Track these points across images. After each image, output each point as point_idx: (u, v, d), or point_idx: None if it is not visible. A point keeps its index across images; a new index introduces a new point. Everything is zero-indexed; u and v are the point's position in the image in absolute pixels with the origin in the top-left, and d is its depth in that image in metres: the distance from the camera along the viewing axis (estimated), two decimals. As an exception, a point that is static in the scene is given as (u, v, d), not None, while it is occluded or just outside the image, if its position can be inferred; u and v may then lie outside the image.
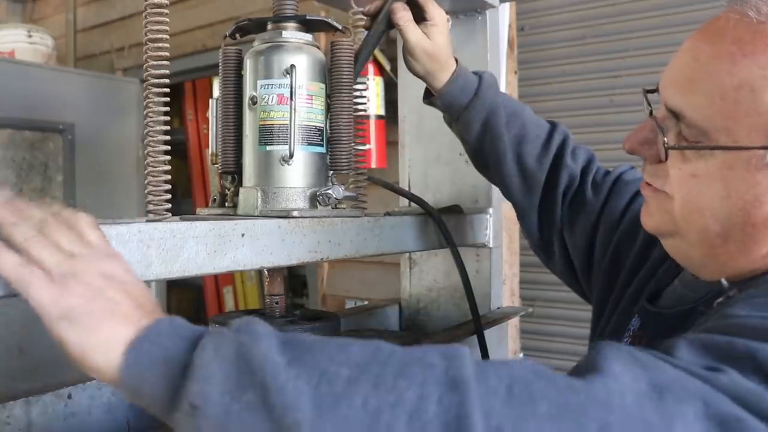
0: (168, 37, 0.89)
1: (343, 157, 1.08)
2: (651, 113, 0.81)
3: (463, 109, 1.15)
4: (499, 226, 1.53)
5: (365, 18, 1.16)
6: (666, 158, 0.78)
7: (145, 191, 0.89)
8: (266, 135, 1.03)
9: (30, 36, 3.44)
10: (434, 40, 1.12)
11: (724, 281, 0.78)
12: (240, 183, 1.08)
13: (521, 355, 2.63)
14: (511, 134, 1.16)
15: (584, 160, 1.19)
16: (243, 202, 1.05)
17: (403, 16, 1.11)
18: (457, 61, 1.17)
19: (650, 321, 0.90)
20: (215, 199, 1.12)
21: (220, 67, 1.09)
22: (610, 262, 1.08)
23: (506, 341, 1.57)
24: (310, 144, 1.04)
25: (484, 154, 1.19)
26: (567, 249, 1.19)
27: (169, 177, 0.89)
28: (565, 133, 1.20)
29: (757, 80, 0.69)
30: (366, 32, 1.16)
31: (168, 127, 0.90)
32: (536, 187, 1.18)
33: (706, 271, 0.81)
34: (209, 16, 3.31)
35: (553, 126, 1.20)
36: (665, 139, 0.77)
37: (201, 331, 0.61)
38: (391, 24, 1.12)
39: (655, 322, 0.89)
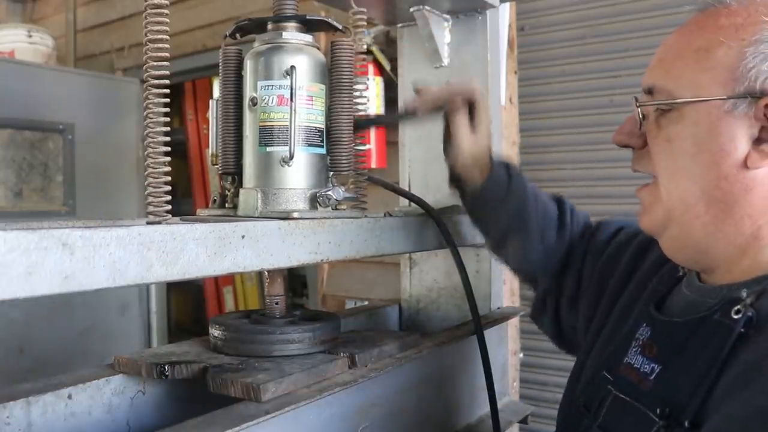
0: (168, 37, 0.88)
1: (344, 157, 1.08)
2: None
3: (500, 202, 1.17)
4: (499, 227, 1.52)
5: (417, 97, 1.16)
6: (641, 122, 0.86)
7: (145, 192, 0.89)
8: (266, 136, 1.03)
9: (30, 36, 3.45)
10: (480, 144, 1.16)
11: (744, 292, 0.76)
12: (240, 184, 1.08)
13: (521, 355, 2.63)
14: (538, 218, 1.18)
15: (582, 225, 1.23)
16: (243, 203, 1.05)
17: (461, 122, 1.15)
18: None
19: (661, 330, 0.87)
20: (215, 200, 1.11)
21: (220, 68, 1.09)
22: (595, 286, 1.12)
23: (506, 341, 1.57)
24: (310, 145, 1.04)
25: (511, 240, 1.21)
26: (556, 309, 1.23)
27: (169, 177, 0.89)
28: (571, 208, 1.24)
29: (711, 43, 0.79)
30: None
31: (168, 128, 0.90)
32: (555, 261, 1.21)
33: (706, 251, 0.82)
34: (209, 16, 3.31)
35: (560, 201, 1.23)
36: (638, 101, 0.85)
37: None
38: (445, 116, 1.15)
39: (667, 332, 0.86)
